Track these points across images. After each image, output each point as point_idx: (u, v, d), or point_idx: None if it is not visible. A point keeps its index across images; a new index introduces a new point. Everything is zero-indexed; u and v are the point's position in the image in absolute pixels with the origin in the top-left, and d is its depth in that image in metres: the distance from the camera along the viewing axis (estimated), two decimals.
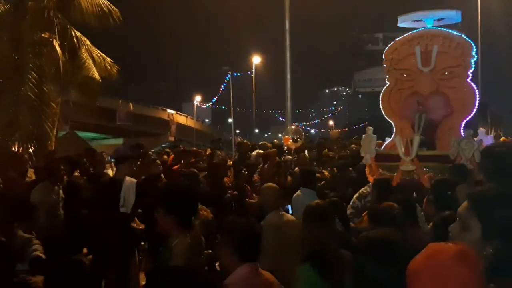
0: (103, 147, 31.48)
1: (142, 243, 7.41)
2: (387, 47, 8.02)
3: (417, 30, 7.87)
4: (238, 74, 55.30)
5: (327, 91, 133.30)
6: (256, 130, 71.00)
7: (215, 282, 1.77)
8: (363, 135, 7.57)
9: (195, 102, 62.58)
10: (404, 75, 7.82)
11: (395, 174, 7.12)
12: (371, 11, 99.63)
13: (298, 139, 11.41)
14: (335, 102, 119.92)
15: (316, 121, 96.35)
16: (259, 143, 13.12)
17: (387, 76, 8.00)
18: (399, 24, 8.39)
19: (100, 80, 14.58)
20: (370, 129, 7.45)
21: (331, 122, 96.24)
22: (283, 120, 22.80)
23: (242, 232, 3.22)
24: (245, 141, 13.63)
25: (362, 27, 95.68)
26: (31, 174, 8.41)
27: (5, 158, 8.77)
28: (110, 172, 10.00)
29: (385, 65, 7.99)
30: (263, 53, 49.61)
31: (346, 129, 64.61)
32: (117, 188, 6.82)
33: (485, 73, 30.15)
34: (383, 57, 7.98)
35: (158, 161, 9.23)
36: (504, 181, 2.50)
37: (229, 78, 52.58)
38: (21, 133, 12.68)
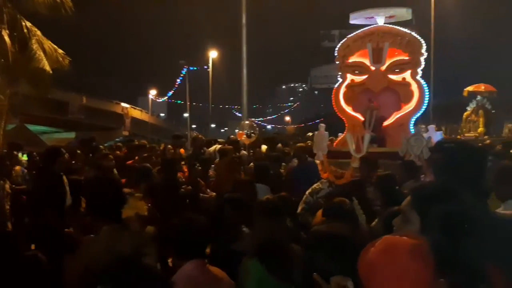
0: (54, 141, 30.77)
1: None
2: (339, 44, 8.12)
3: (369, 27, 7.99)
4: (195, 68, 54.85)
5: (284, 87, 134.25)
6: (213, 125, 70.74)
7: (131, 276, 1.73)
8: (316, 132, 7.63)
9: (150, 96, 61.72)
10: (356, 72, 7.93)
11: (347, 171, 7.21)
12: (327, 8, 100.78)
13: (252, 134, 11.41)
14: (291, 98, 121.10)
15: (273, 116, 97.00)
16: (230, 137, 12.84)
17: (340, 73, 8.10)
18: (351, 21, 8.50)
19: (51, 72, 14.22)
20: (322, 126, 7.51)
21: (287, 118, 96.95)
22: (240, 115, 22.82)
23: (182, 230, 3.21)
24: (200, 136, 13.52)
25: (319, 24, 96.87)
26: None
27: None
28: None
29: (337, 62, 8.08)
30: (220, 47, 49.49)
31: (303, 124, 65.15)
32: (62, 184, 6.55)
33: (438, 70, 31.09)
34: (336, 54, 8.07)
35: (110, 155, 9.06)
36: (453, 177, 2.57)
37: (185, 72, 52.13)
38: None
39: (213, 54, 46.44)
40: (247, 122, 12.79)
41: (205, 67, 48.84)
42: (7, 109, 13.88)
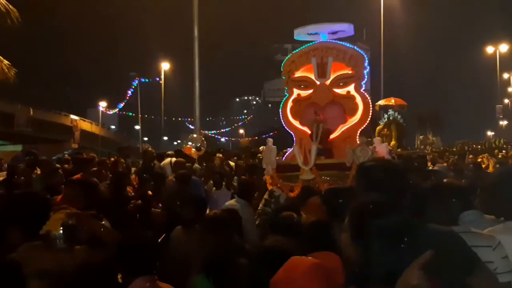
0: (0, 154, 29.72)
1: None
2: (284, 59, 8.26)
3: (313, 42, 8.17)
4: (146, 80, 54.32)
5: (237, 99, 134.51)
6: (165, 138, 70.07)
7: None
8: (264, 147, 7.69)
9: (100, 108, 60.51)
10: (302, 86, 8.07)
11: (296, 183, 7.29)
12: (280, 22, 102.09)
13: (201, 148, 11.33)
14: (245, 111, 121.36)
15: (227, 129, 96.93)
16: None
17: (286, 88, 8.23)
18: (296, 37, 8.64)
19: None
20: (270, 140, 7.58)
21: (241, 131, 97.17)
22: (193, 128, 22.73)
23: (131, 246, 3.21)
24: (150, 149, 13.37)
25: (272, 38, 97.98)
26: None
27: None
28: None
29: (283, 77, 8.21)
30: (172, 59, 49.26)
31: (256, 137, 65.45)
32: None
33: (387, 82, 31.97)
34: (282, 69, 8.20)
35: (60, 171, 8.81)
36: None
37: (136, 84, 51.54)
38: None
39: (165, 66, 46.20)
40: (195, 135, 12.69)
41: (157, 79, 48.53)
42: None
